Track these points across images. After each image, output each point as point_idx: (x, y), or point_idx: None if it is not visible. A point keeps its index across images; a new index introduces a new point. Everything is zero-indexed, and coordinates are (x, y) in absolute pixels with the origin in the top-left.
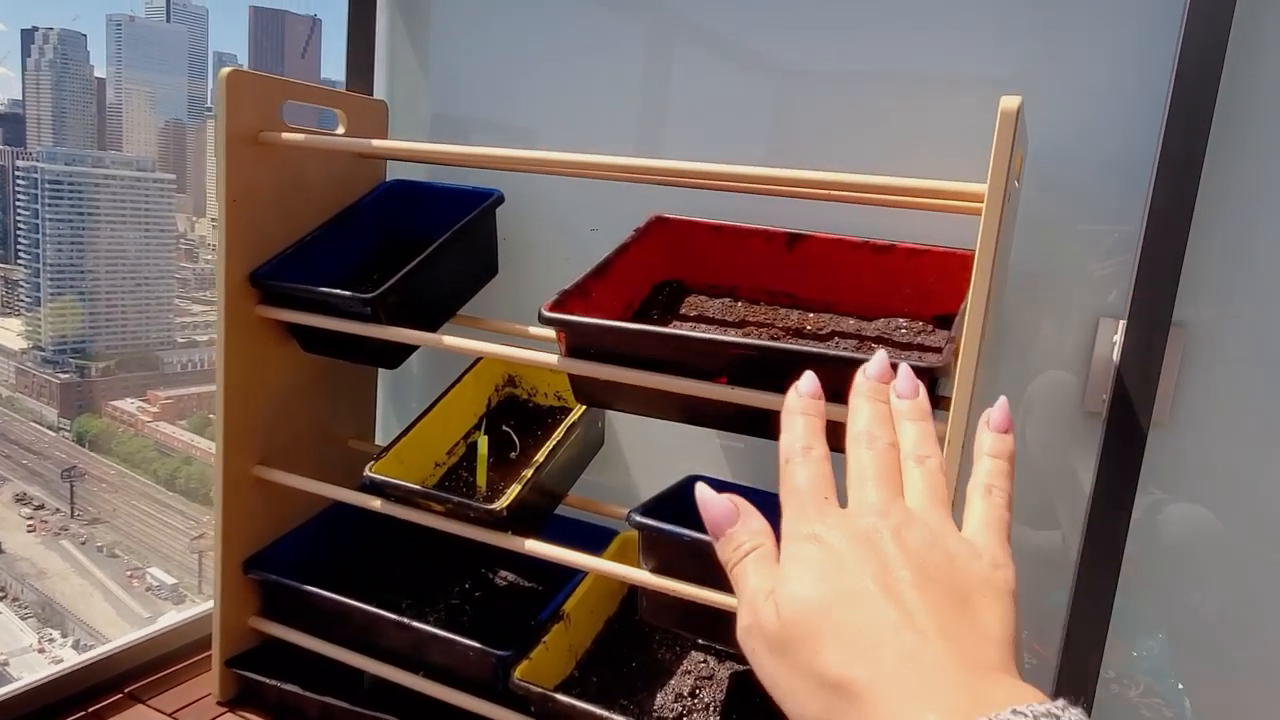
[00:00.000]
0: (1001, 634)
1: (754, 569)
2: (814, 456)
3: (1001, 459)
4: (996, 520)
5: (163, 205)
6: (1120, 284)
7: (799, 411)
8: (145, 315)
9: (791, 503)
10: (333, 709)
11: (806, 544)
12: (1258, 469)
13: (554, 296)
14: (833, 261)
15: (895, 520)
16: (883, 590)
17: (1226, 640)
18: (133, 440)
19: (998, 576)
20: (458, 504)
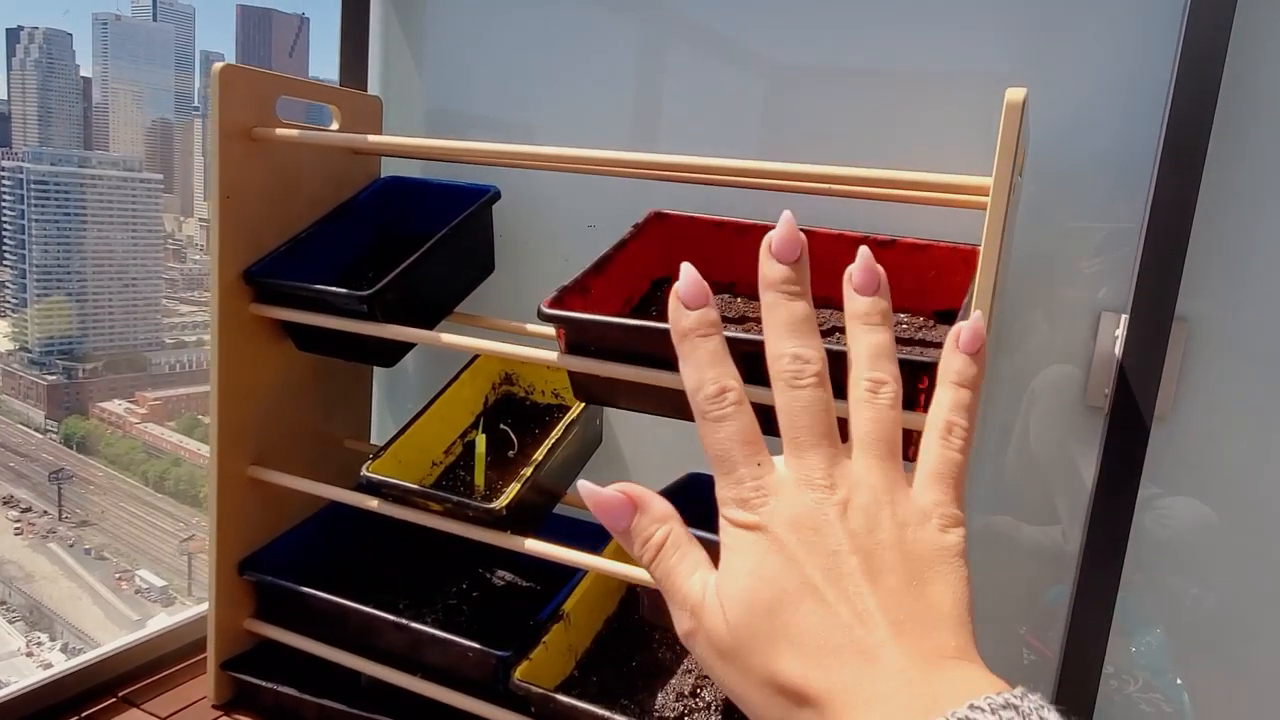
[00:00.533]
0: (955, 610)
1: (676, 560)
2: (731, 404)
3: (967, 388)
4: (951, 468)
5: (150, 205)
6: (1122, 278)
7: (695, 334)
8: (133, 316)
9: (721, 472)
10: (330, 711)
11: (748, 533)
12: (1259, 464)
13: (553, 293)
14: (833, 257)
15: (840, 496)
16: (832, 585)
17: (1225, 636)
18: (121, 442)
19: (947, 540)
20: (456, 503)
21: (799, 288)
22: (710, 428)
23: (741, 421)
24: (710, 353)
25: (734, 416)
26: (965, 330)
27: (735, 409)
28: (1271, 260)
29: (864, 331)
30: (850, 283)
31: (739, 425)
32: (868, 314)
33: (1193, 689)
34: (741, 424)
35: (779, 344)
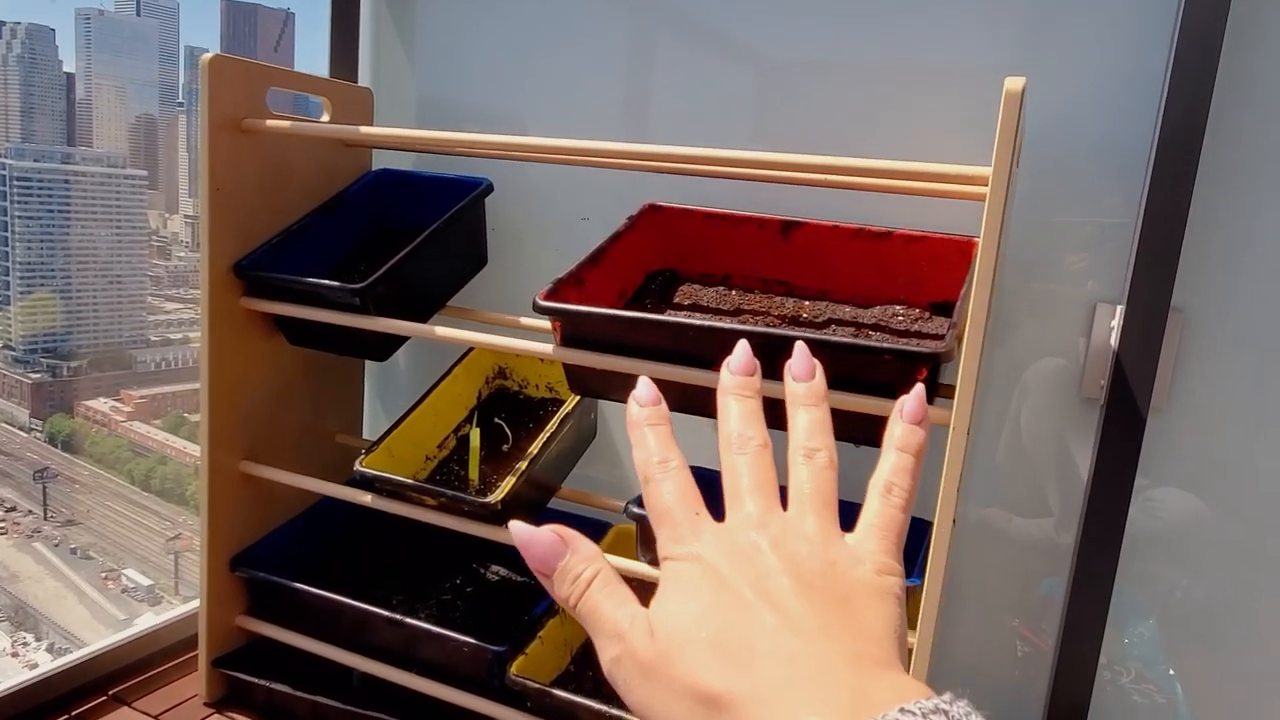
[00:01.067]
0: (884, 631)
1: (604, 597)
2: (673, 469)
3: (908, 453)
4: (888, 523)
5: (134, 202)
6: (1118, 270)
7: (645, 423)
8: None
9: (663, 524)
10: (323, 708)
11: (683, 564)
12: (1253, 455)
13: (549, 285)
14: (828, 249)
15: (774, 531)
16: (761, 597)
17: (1217, 626)
18: (106, 440)
19: (881, 582)
20: (451, 497)
21: (751, 392)
22: (653, 487)
23: (680, 481)
24: (658, 437)
25: (675, 476)
26: (910, 401)
27: (677, 471)
28: (1267, 251)
29: (802, 411)
30: (790, 372)
31: (677, 484)
32: (805, 396)
33: (1185, 679)
34: (680, 483)
35: (729, 426)
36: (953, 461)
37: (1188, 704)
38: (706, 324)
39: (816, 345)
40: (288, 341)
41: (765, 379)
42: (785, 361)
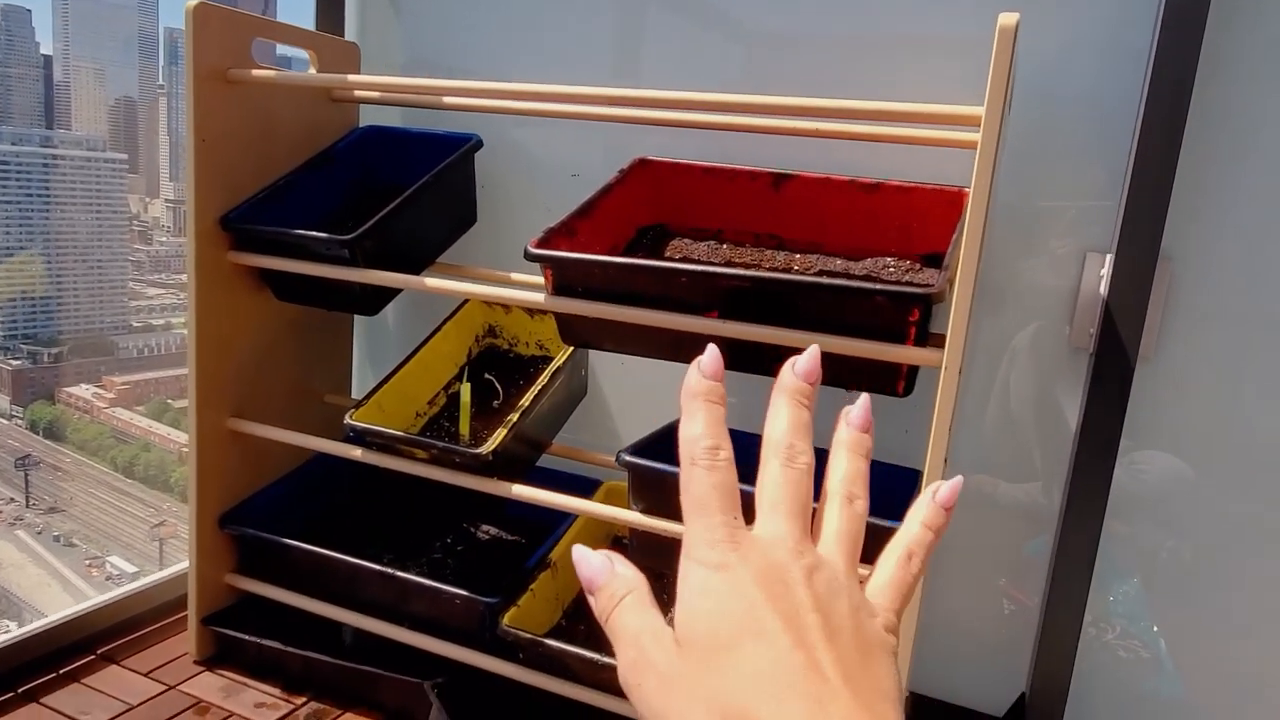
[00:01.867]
0: (895, 692)
1: (632, 613)
2: (722, 460)
3: (931, 531)
4: (902, 585)
5: (114, 186)
6: (1107, 218)
7: (703, 396)
8: (99, 299)
9: (698, 518)
10: (315, 664)
11: (714, 574)
12: (1241, 402)
13: (540, 234)
14: (820, 201)
15: (807, 562)
16: (791, 633)
17: (1201, 585)
18: (89, 427)
19: (888, 640)
20: (442, 449)
21: (810, 401)
22: (698, 473)
23: (729, 478)
24: (714, 417)
25: (723, 470)
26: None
27: (727, 465)
28: (1257, 197)
29: (849, 457)
30: (847, 419)
31: (725, 479)
32: (856, 444)
33: (1169, 635)
34: (728, 480)
35: (781, 433)
36: (944, 401)
37: (1172, 659)
38: (699, 269)
39: (809, 288)
40: (275, 297)
41: (757, 324)
42: (781, 308)
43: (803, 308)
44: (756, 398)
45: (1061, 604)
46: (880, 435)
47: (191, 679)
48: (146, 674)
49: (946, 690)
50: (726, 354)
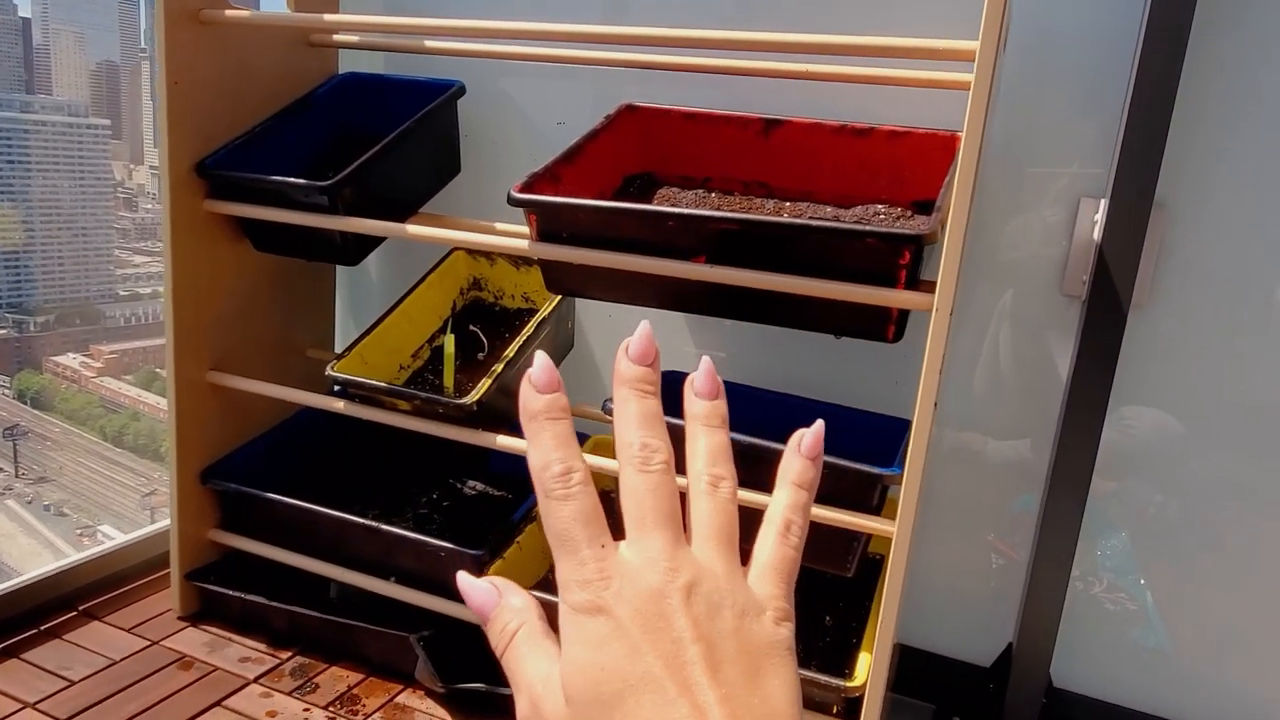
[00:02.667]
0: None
1: (526, 650)
2: (576, 486)
3: (805, 489)
4: (786, 564)
5: (98, 152)
6: (1102, 163)
7: (543, 417)
8: (84, 267)
9: (564, 554)
10: (300, 618)
11: (593, 620)
12: (1232, 350)
13: (523, 179)
14: (810, 147)
15: (684, 580)
16: (672, 677)
17: (1187, 539)
18: (77, 396)
19: (782, 634)
20: (425, 400)
21: (651, 387)
22: (554, 506)
23: (585, 502)
24: (558, 435)
25: (578, 496)
26: (808, 436)
27: (581, 489)
28: (1252, 144)
29: (705, 432)
30: (691, 388)
31: (582, 505)
32: (709, 416)
33: (1156, 588)
34: (585, 504)
35: (629, 433)
36: (935, 344)
37: (1157, 611)
38: (686, 212)
39: (798, 230)
40: (254, 247)
41: (745, 269)
42: (769, 251)
43: (792, 251)
44: (748, 346)
45: (1049, 557)
46: (870, 386)
47: (175, 635)
48: (129, 630)
49: (934, 642)
50: (716, 299)
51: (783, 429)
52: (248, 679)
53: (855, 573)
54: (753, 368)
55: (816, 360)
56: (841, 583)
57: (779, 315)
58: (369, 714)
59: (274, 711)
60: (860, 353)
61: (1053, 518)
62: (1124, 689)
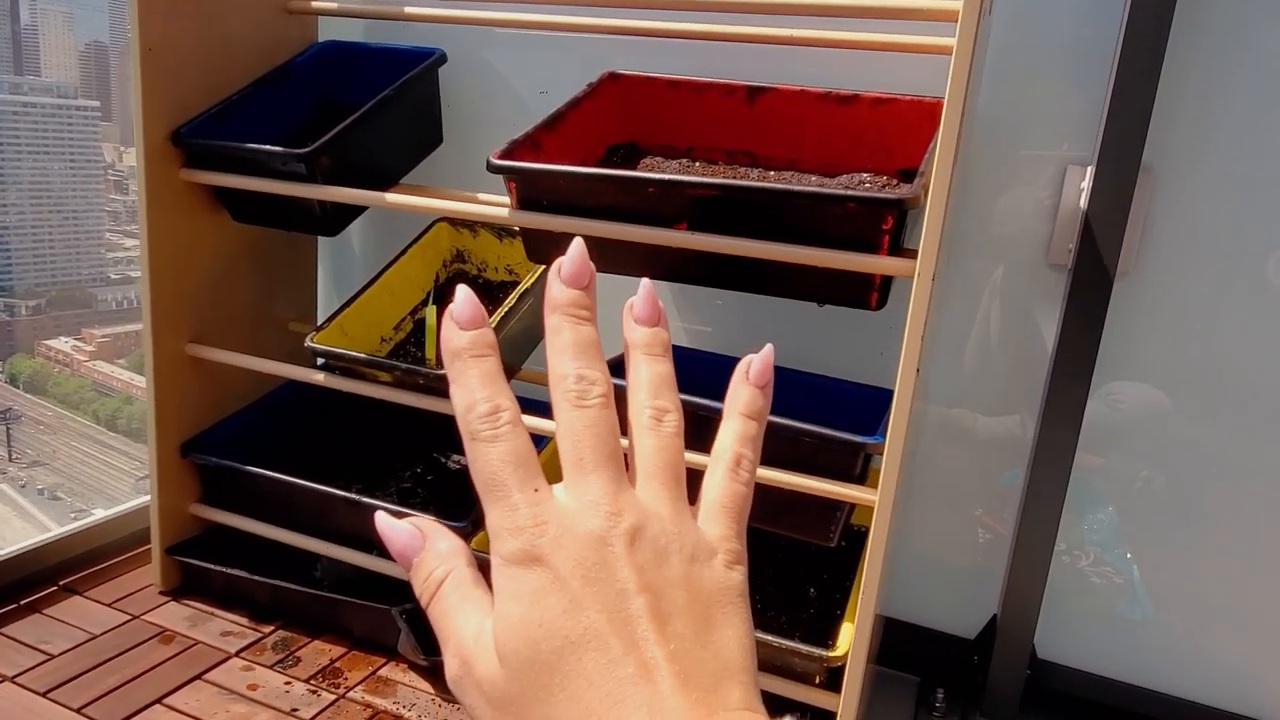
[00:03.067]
0: (740, 657)
1: (455, 602)
2: (504, 425)
3: (755, 420)
4: (736, 501)
5: (87, 134)
6: (1089, 130)
7: (468, 354)
8: (75, 250)
9: (494, 500)
10: (284, 592)
11: (528, 572)
12: (1218, 319)
13: (503, 146)
14: (795, 115)
15: (626, 524)
16: (617, 632)
17: (1173, 512)
18: (69, 380)
19: (733, 579)
20: (406, 371)
21: (586, 312)
22: (481, 449)
23: (516, 443)
24: (484, 373)
25: (507, 437)
26: (756, 362)
27: (510, 429)
28: (1239, 110)
29: (646, 362)
30: (630, 313)
31: (513, 446)
32: (649, 344)
33: (1142, 561)
34: (516, 445)
35: (563, 365)
36: (917, 310)
37: (1143, 584)
38: (667, 177)
39: (780, 195)
40: (232, 218)
41: (727, 235)
42: (751, 218)
43: (774, 218)
44: (732, 317)
45: (1034, 530)
46: (855, 357)
47: (156, 609)
48: (110, 604)
49: (920, 615)
50: (698, 266)
51: None
52: (229, 653)
53: (840, 544)
54: (737, 339)
55: (801, 332)
56: (826, 555)
57: (762, 283)
58: (351, 687)
59: (255, 684)
60: (845, 324)
61: (1037, 491)
62: (1108, 661)
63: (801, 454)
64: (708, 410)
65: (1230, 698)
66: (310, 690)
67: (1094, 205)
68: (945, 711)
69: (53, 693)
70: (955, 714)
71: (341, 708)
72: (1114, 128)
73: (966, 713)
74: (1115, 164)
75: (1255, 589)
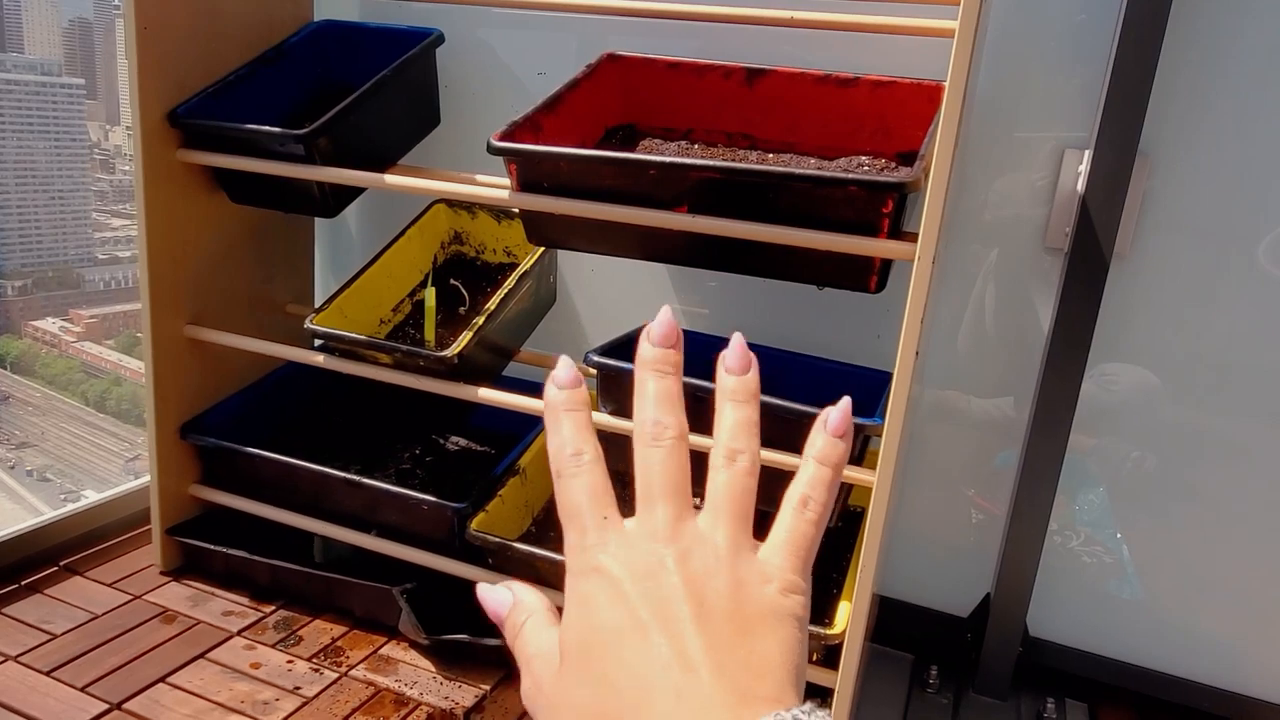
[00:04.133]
0: (781, 661)
1: (531, 634)
2: (585, 463)
3: (828, 467)
4: (800, 539)
5: (73, 113)
6: (1087, 114)
7: (562, 409)
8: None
9: (571, 526)
10: (284, 573)
11: (588, 579)
12: (1213, 300)
13: (503, 128)
14: (794, 98)
15: (682, 546)
16: (660, 625)
17: (1163, 493)
18: (58, 362)
19: (786, 603)
20: (406, 353)
21: (671, 368)
22: (564, 484)
23: (594, 476)
24: (576, 423)
25: (587, 472)
26: (835, 414)
27: (590, 466)
28: (1236, 94)
29: (730, 407)
30: (723, 364)
31: (589, 481)
32: (735, 391)
33: (1132, 541)
34: (593, 480)
35: (645, 411)
36: (916, 293)
37: (1133, 563)
38: (669, 160)
39: (781, 178)
40: (230, 199)
41: (728, 219)
42: (752, 201)
43: (775, 201)
44: (731, 300)
45: (1027, 510)
46: (853, 340)
47: (157, 589)
48: (111, 585)
49: (914, 594)
50: (699, 249)
51: (767, 381)
52: (231, 632)
53: (837, 524)
54: (736, 321)
55: (800, 314)
56: (824, 535)
57: (762, 266)
58: (353, 665)
59: (258, 663)
60: (843, 307)
61: (1031, 471)
62: (1099, 638)
63: (800, 436)
64: (704, 391)
65: (1218, 674)
66: (312, 669)
67: (1091, 189)
68: (939, 688)
69: (56, 671)
70: (949, 691)
71: (344, 685)
72: (1111, 113)
73: (960, 689)
74: (1112, 148)
75: (1243, 568)
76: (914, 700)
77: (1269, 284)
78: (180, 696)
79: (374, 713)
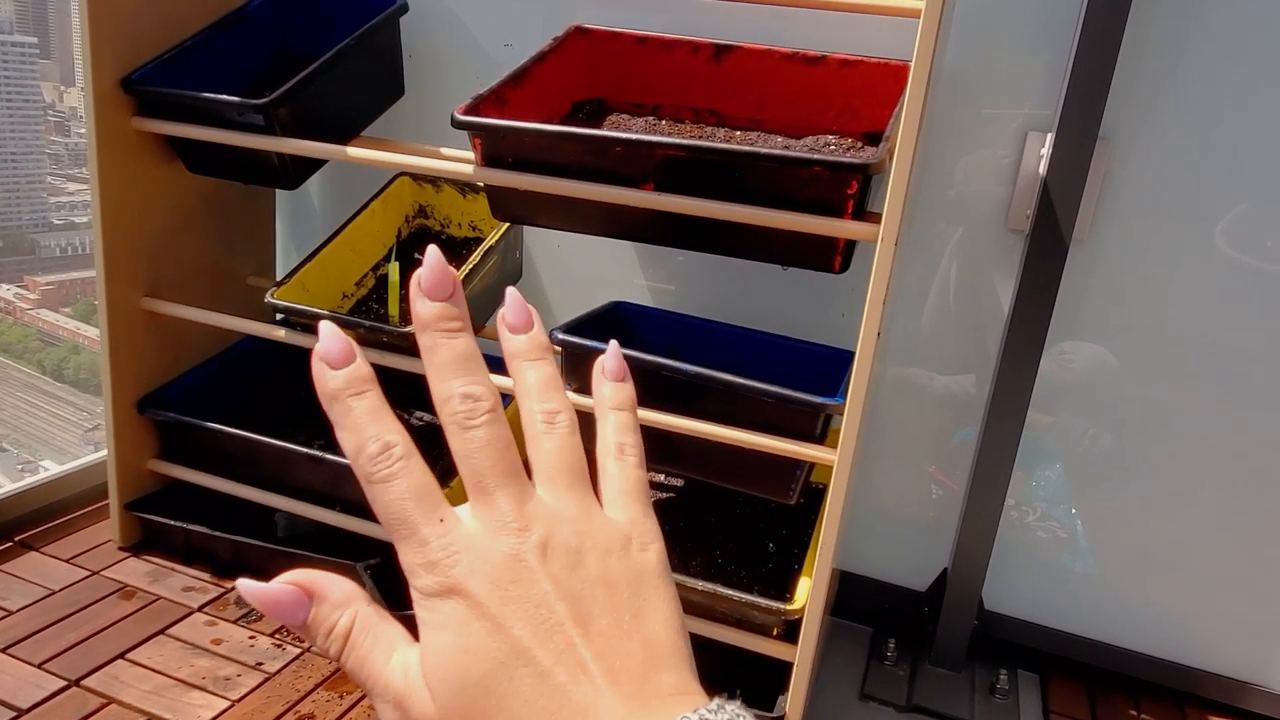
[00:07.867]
0: (668, 638)
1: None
2: (397, 459)
3: (625, 410)
4: (634, 485)
5: (25, 73)
6: (1050, 97)
7: (346, 394)
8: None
9: (400, 537)
10: (245, 548)
11: (445, 603)
12: (1167, 290)
13: (468, 101)
14: (762, 75)
15: (536, 536)
16: (543, 643)
17: (1118, 469)
18: (13, 329)
19: (648, 559)
20: (369, 328)
21: (458, 323)
22: (379, 490)
23: (413, 478)
24: (367, 411)
25: (403, 473)
26: (609, 360)
27: (403, 464)
28: (1197, 78)
29: (527, 367)
30: (503, 323)
31: (410, 482)
32: (527, 351)
33: (1086, 517)
34: (413, 480)
35: (444, 385)
36: (879, 274)
37: (1086, 538)
38: (633, 136)
39: (746, 157)
40: (187, 169)
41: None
42: (719, 179)
43: (740, 180)
44: (697, 278)
45: (984, 486)
46: (818, 318)
47: (116, 565)
48: (68, 560)
49: (874, 568)
50: (664, 227)
51: (732, 359)
52: (191, 608)
53: (799, 501)
54: (702, 300)
55: (766, 292)
56: (786, 511)
57: (727, 245)
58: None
59: (219, 639)
60: (808, 286)
61: (989, 448)
62: (1052, 612)
63: (763, 414)
64: (670, 370)
65: (1167, 647)
66: (275, 644)
67: (1053, 172)
68: (896, 660)
69: (12, 648)
70: (905, 663)
71: (306, 661)
72: (1074, 97)
73: (916, 661)
74: (1074, 132)
75: (1193, 543)
76: (872, 672)
77: (1225, 265)
78: (140, 673)
79: (337, 688)
